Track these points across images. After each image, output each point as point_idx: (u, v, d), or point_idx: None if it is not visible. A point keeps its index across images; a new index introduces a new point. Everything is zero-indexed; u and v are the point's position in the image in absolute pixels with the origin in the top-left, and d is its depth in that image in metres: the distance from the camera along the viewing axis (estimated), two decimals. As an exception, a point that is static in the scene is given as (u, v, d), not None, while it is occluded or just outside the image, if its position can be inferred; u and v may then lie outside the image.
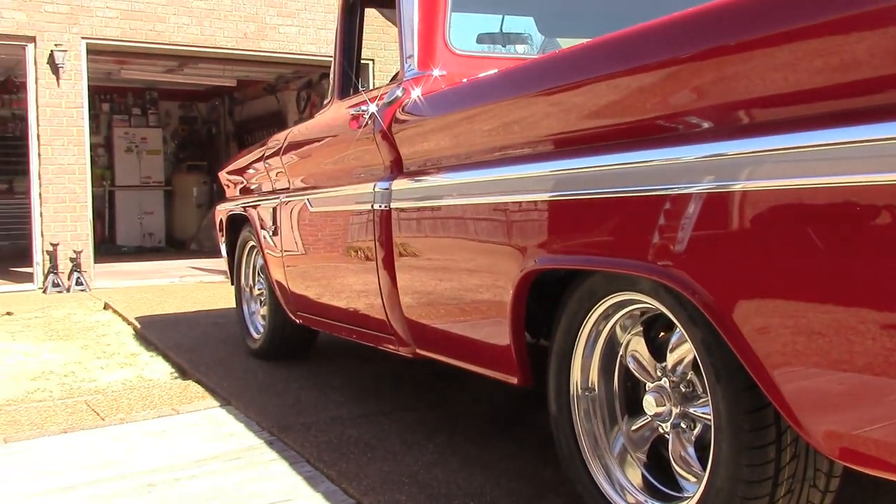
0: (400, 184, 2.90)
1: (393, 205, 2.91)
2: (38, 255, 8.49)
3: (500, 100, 2.37)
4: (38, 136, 8.41)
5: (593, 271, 2.06)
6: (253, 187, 4.64)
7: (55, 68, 8.38)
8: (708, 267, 1.66)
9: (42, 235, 8.45)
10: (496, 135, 2.41)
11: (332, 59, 3.81)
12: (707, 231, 1.66)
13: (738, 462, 1.71)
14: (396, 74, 3.78)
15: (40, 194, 8.44)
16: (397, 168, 2.98)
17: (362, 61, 10.92)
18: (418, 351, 2.97)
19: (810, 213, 1.45)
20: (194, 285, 8.79)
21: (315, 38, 9.66)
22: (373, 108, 3.09)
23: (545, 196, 2.13)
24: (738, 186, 1.56)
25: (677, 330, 1.96)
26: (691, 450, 1.99)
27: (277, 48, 9.49)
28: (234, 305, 5.11)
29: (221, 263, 10.95)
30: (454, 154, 2.64)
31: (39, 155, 8.42)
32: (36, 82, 8.41)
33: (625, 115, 1.87)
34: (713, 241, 1.65)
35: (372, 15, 3.78)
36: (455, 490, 2.57)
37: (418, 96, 2.87)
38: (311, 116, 12.78)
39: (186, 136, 15.53)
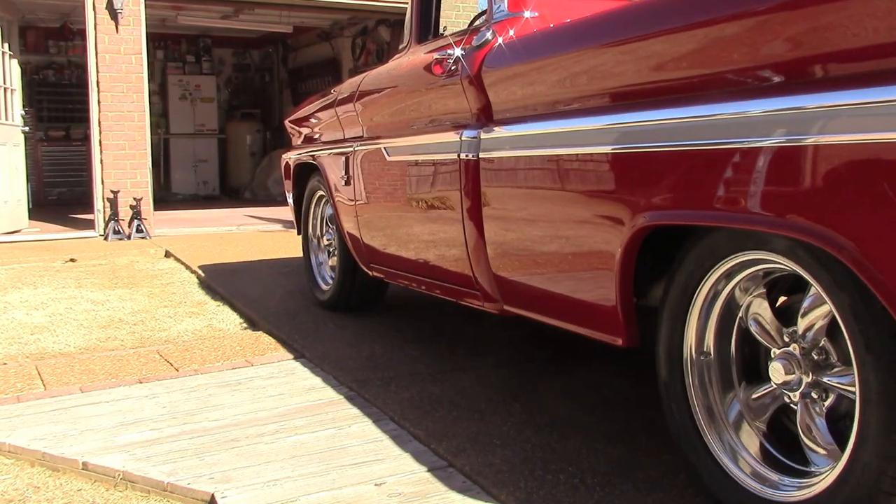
0: (490, 132, 2.76)
1: (482, 154, 2.78)
2: (99, 203, 8.51)
3: (611, 41, 2.20)
4: (98, 82, 8.38)
5: (716, 228, 1.91)
6: (322, 135, 4.53)
7: (114, 14, 8.30)
8: (864, 224, 1.50)
9: (102, 183, 8.46)
10: (603, 80, 2.26)
11: (407, 2, 3.66)
12: (863, 185, 1.50)
13: (890, 438, 1.57)
14: (477, 17, 3.63)
15: (100, 141, 8.43)
16: (486, 116, 2.83)
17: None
18: (506, 307, 2.86)
19: None
20: (252, 234, 8.77)
21: (373, -17, 9.45)
22: (459, 52, 2.94)
23: (663, 146, 1.97)
24: (910, 136, 1.40)
25: (810, 293, 1.81)
26: (821, 421, 1.85)
27: (335, -7, 9.30)
28: (297, 254, 5.04)
29: (277, 212, 10.98)
30: (552, 101, 2.48)
31: (99, 102, 8.40)
32: (95, 28, 8.34)
33: (776, 55, 1.69)
34: (870, 195, 1.49)
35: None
36: (549, 454, 2.47)
37: (512, 38, 2.71)
38: (366, 64, 12.76)
39: (240, 84, 15.45)
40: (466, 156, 2.85)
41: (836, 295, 1.65)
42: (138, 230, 8.35)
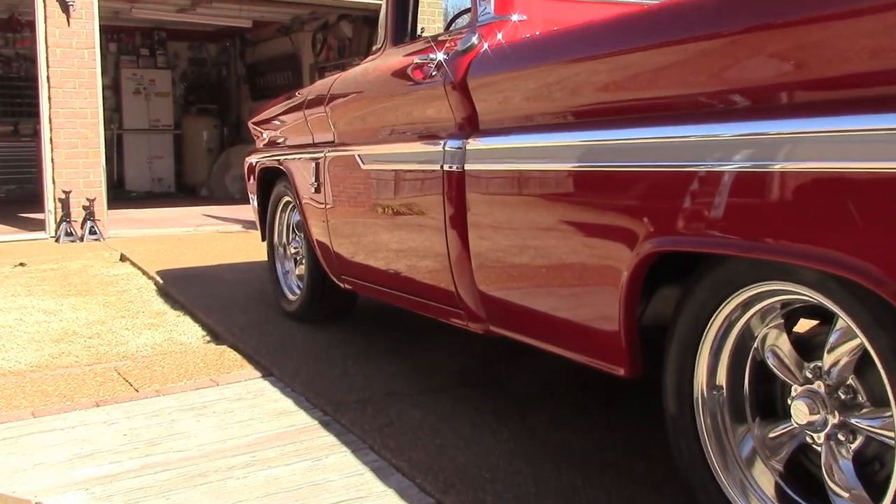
0: (476, 143, 2.59)
1: (468, 166, 2.61)
2: (50, 203, 8.18)
3: (614, 50, 2.05)
4: (48, 77, 8.04)
5: (735, 256, 1.77)
6: (289, 139, 4.32)
7: (65, 6, 7.97)
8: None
9: (53, 182, 8.13)
10: (605, 91, 2.11)
11: (383, 1, 3.48)
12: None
13: (937, 492, 1.44)
14: (454, 19, 3.47)
15: (51, 139, 8.10)
16: (471, 125, 2.67)
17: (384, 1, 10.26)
18: (492, 328, 2.70)
19: None
20: (211, 235, 8.51)
21: (336, -23, 9.21)
22: (441, 56, 2.77)
23: (675, 165, 1.82)
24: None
25: (838, 326, 1.68)
26: (847, 464, 1.72)
27: (296, -13, 9.05)
28: (259, 258, 4.83)
29: (236, 211, 10.70)
30: (547, 112, 2.33)
31: (50, 98, 8.06)
32: (45, 21, 8.00)
33: (816, 69, 1.55)
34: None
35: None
36: (543, 488, 2.32)
37: (501, 43, 2.54)
38: (327, 60, 12.51)
39: (196, 79, 15.09)
40: (450, 167, 2.69)
41: (874, 333, 1.51)
42: (91, 232, 8.04)
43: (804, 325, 1.90)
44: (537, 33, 2.62)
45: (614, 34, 2.12)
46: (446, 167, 2.70)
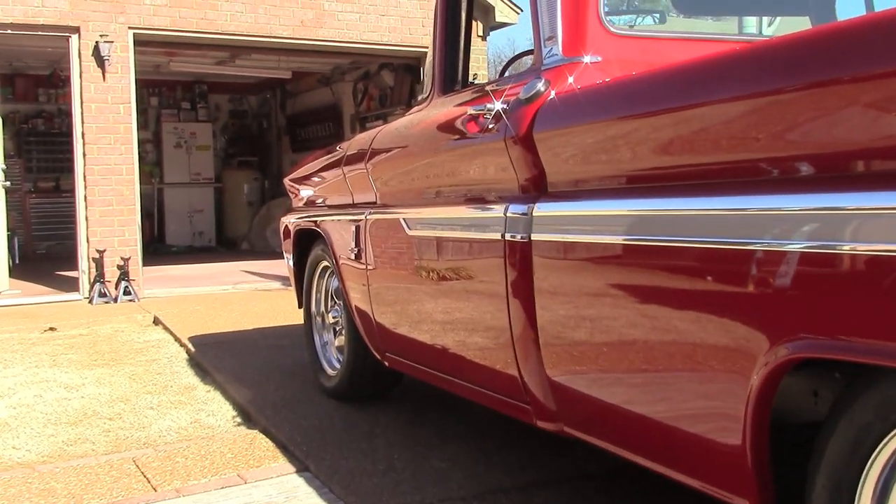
0: (545, 209, 2.17)
1: (535, 236, 2.18)
2: (84, 263, 7.91)
3: (728, 96, 1.62)
4: (83, 133, 7.82)
5: (917, 368, 1.31)
6: (327, 198, 3.95)
7: (101, 61, 7.78)
8: None
9: (87, 241, 7.87)
10: (711, 149, 1.67)
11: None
12: None
13: None
14: (510, 63, 3.08)
15: (85, 196, 7.85)
16: (537, 187, 2.25)
17: (426, 49, 10.12)
18: (567, 429, 2.24)
19: None
20: (249, 293, 8.17)
21: (377, 26, 8.95)
22: (499, 105, 2.37)
23: (833, 245, 1.38)
24: None
25: None
26: None
27: (336, 36, 8.79)
28: (296, 321, 4.44)
29: (276, 266, 10.37)
30: (637, 173, 1.90)
31: (84, 154, 7.83)
32: (80, 76, 7.81)
33: None
34: None
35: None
36: None
37: (574, 90, 2.13)
38: (368, 110, 12.26)
39: (237, 131, 14.95)
40: (513, 236, 2.27)
41: None
42: (126, 292, 7.73)
43: None
44: (608, 78, 2.21)
45: (712, 79, 1.69)
46: (508, 236, 2.27)
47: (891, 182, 1.32)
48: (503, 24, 9.51)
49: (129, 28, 7.89)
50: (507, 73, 3.03)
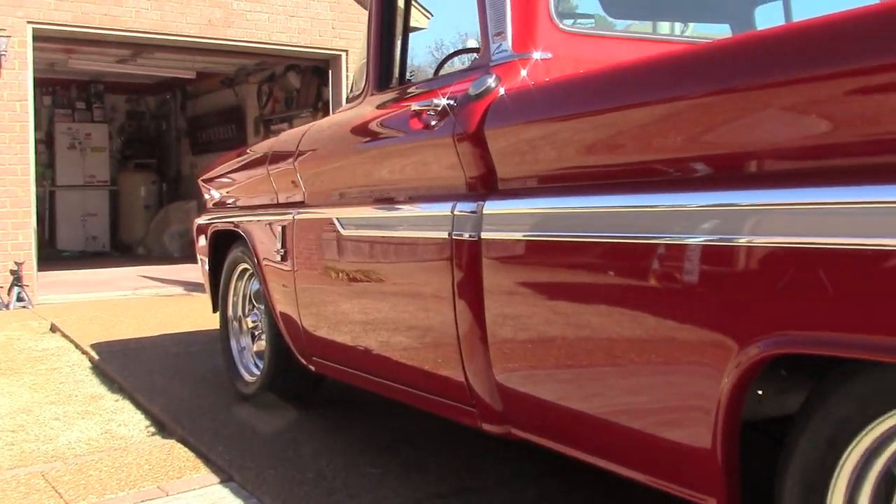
0: (496, 206, 2.12)
1: (484, 234, 2.13)
2: (-27, 267, 7.46)
3: (697, 92, 1.61)
4: (-25, 131, 7.39)
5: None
6: (249, 198, 3.81)
7: (-5, 55, 7.36)
8: None
9: (-22, 245, 7.43)
10: (671, 145, 1.66)
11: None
12: None
13: None
14: (446, 60, 3.03)
15: (-24, 198, 7.42)
16: (486, 184, 2.20)
17: (335, 52, 9.97)
18: (515, 431, 2.20)
19: None
20: (151, 300, 7.86)
21: (286, 27, 8.77)
22: (446, 101, 2.31)
23: (806, 241, 1.37)
24: None
25: None
26: None
27: (245, 36, 8.57)
28: (205, 326, 4.28)
29: (176, 271, 10.03)
30: (592, 169, 1.88)
31: (-25, 153, 7.40)
32: (-28, 71, 7.38)
33: None
34: None
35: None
36: None
37: (528, 86, 2.09)
38: (273, 113, 12.03)
39: (134, 132, 14.44)
40: (460, 235, 2.21)
41: None
42: (19, 298, 7.33)
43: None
44: (558, 75, 2.19)
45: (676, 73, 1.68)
46: (456, 235, 2.22)
47: (862, 177, 1.32)
48: (414, 29, 9.48)
49: (29, 23, 7.50)
50: (440, 71, 2.97)
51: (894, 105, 1.28)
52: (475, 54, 2.64)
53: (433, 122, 2.35)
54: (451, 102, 2.29)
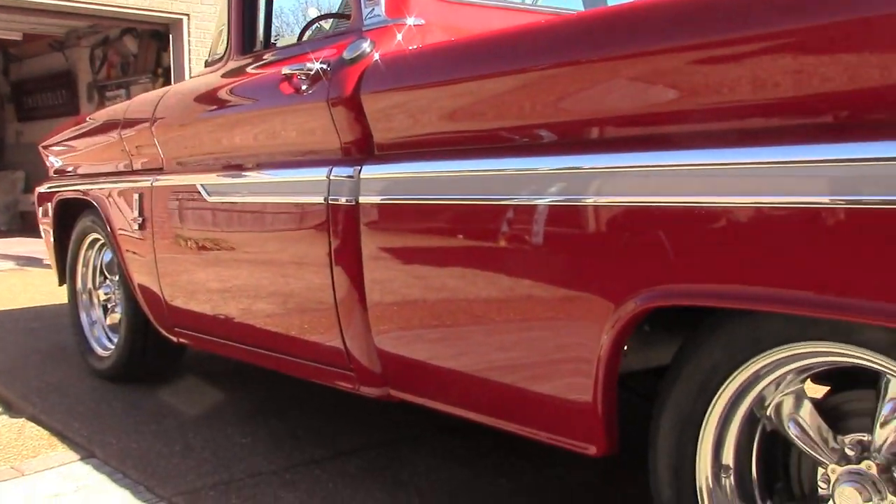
0: (373, 171, 2.13)
1: (362, 198, 2.14)
2: None
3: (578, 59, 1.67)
4: None
5: (767, 312, 1.43)
6: (99, 165, 3.64)
7: None
8: None
9: None
10: (547, 111, 1.73)
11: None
12: None
13: None
14: (310, 25, 3.00)
15: None
16: (362, 149, 2.21)
17: (176, 15, 9.64)
18: (394, 393, 2.24)
19: None
20: (-21, 275, 7.38)
21: (124, -13, 8.36)
22: (319, 66, 2.29)
23: (690, 201, 1.47)
24: None
25: (890, 396, 1.38)
26: (898, 555, 1.42)
27: (78, -4, 8.12)
28: (46, 302, 4.10)
29: (4, 246, 9.43)
30: (466, 134, 1.92)
31: None
32: None
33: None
34: None
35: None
36: None
37: (404, 52, 2.11)
38: (108, 78, 11.45)
39: (-50, 97, 13.42)
40: (336, 200, 2.21)
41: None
42: None
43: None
44: (431, 41, 2.22)
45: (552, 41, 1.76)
46: (332, 200, 2.21)
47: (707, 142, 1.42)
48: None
49: None
50: (305, 36, 2.93)
51: (725, 77, 1.39)
52: (337, 20, 2.63)
53: (305, 87, 2.33)
54: (325, 67, 2.28)
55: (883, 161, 1.20)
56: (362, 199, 2.14)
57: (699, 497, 1.59)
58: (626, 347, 1.77)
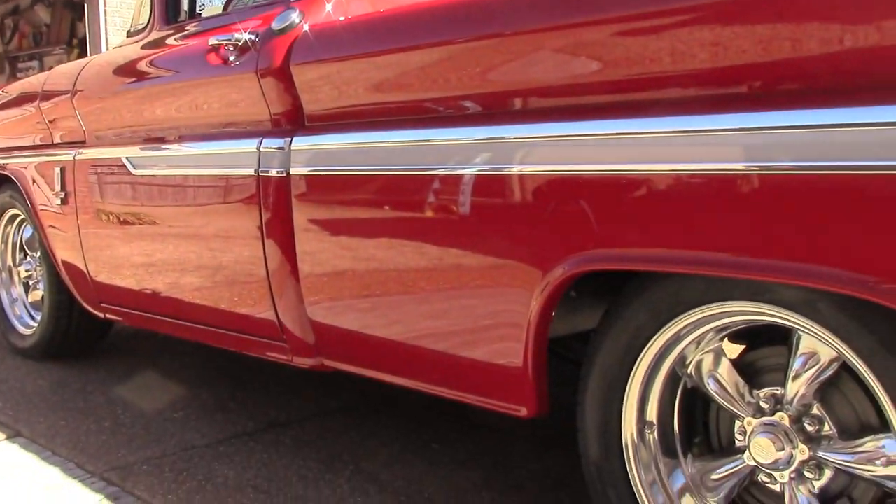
0: (304, 142, 2.14)
1: (293, 170, 2.15)
2: None
3: (508, 30, 1.71)
4: None
5: (687, 273, 1.50)
6: (17, 138, 3.55)
7: None
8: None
9: None
10: (476, 81, 1.77)
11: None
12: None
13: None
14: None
15: None
16: (292, 120, 2.22)
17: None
18: (327, 363, 2.26)
19: None
20: None
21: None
22: (248, 36, 2.28)
23: (597, 168, 1.52)
24: None
25: (801, 351, 1.47)
26: (807, 501, 1.51)
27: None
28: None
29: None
30: (394, 105, 1.95)
31: None
32: None
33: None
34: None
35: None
36: (420, 555, 1.94)
37: (334, 22, 2.12)
38: (20, 49, 11.06)
39: None
40: (267, 171, 2.21)
41: (884, 363, 1.30)
42: None
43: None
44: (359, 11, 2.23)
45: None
46: (263, 171, 2.22)
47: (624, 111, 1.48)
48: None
49: None
50: (230, 7, 2.90)
51: (644, 48, 1.45)
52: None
53: (233, 58, 2.32)
54: (253, 37, 2.27)
55: (792, 129, 1.27)
56: (293, 171, 2.15)
57: (625, 453, 1.66)
58: (553, 314, 1.84)
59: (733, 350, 1.64)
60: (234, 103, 2.36)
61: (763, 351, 1.60)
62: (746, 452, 1.55)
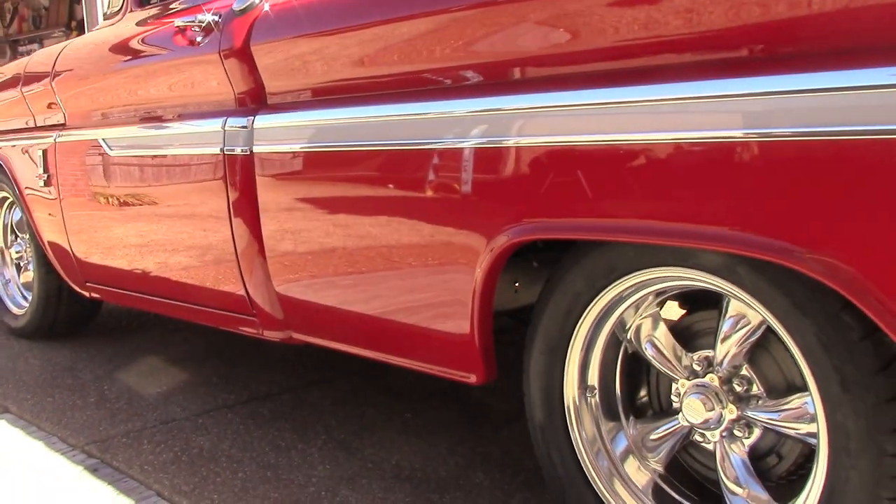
0: (266, 121, 2.19)
1: (256, 148, 2.20)
2: None
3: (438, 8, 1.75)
4: None
5: (618, 242, 1.54)
6: (4, 122, 3.60)
7: None
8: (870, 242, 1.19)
9: None
10: (422, 57, 1.81)
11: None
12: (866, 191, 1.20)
13: (875, 494, 1.30)
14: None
15: None
16: (255, 99, 2.26)
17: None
18: (295, 335, 2.32)
19: None
20: None
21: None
22: (211, 17, 2.33)
23: (534, 141, 1.57)
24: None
25: (730, 314, 1.52)
26: (739, 459, 1.57)
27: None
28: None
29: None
30: (354, 82, 1.99)
31: None
32: None
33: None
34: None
35: None
36: (382, 518, 2.00)
37: (293, 2, 2.15)
38: (20, 33, 11.08)
39: None
40: (232, 150, 2.27)
41: (798, 324, 1.34)
42: None
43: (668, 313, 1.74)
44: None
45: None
46: (228, 150, 2.27)
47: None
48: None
49: None
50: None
51: (633, 19, 1.48)
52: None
53: (198, 39, 2.36)
54: (216, 18, 2.31)
55: (708, 99, 1.32)
56: (256, 149, 2.20)
57: (568, 416, 1.72)
58: (517, 284, 1.90)
59: (674, 315, 1.69)
60: (201, 83, 2.41)
61: (698, 315, 1.65)
62: (681, 413, 1.61)
